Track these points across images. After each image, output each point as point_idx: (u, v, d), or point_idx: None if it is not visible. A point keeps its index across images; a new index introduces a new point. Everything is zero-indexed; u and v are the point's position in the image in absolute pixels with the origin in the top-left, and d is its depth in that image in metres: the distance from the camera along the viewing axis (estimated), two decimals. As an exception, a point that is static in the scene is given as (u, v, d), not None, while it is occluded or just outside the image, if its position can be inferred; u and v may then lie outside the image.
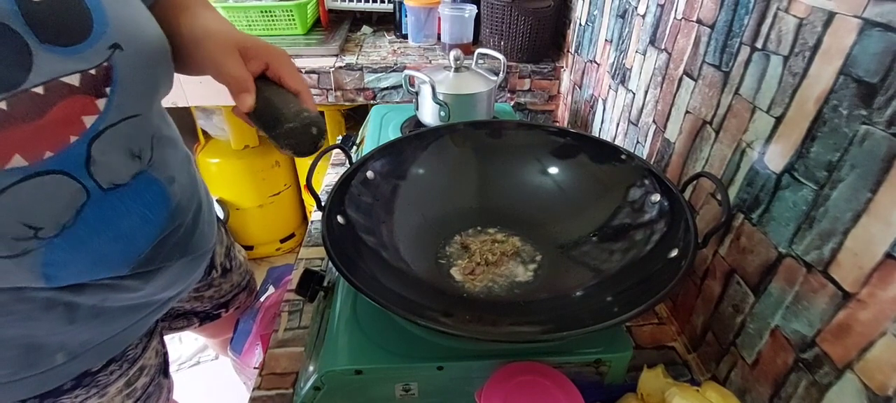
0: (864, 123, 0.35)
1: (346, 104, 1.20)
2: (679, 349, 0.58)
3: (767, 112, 0.45)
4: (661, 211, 0.49)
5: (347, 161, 0.55)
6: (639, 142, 0.73)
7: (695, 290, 0.57)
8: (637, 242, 0.50)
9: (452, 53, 0.77)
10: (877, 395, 0.35)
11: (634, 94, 0.74)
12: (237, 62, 0.44)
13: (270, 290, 0.87)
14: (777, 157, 0.44)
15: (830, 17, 0.38)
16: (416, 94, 0.78)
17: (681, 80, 0.60)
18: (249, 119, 0.46)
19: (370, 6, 1.36)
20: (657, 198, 0.50)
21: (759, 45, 0.46)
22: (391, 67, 1.12)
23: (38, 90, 0.34)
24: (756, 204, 0.47)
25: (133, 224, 0.45)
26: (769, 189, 0.45)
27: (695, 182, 0.57)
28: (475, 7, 1.15)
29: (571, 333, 0.37)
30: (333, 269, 0.53)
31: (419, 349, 0.44)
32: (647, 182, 0.52)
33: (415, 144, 0.61)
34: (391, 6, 1.34)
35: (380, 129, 0.83)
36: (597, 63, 0.92)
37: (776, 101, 0.44)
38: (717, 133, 0.53)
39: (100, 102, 0.39)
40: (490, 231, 0.59)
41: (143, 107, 0.44)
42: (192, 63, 0.48)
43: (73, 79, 0.36)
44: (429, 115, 0.77)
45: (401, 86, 1.13)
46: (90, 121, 0.38)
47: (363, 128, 0.91)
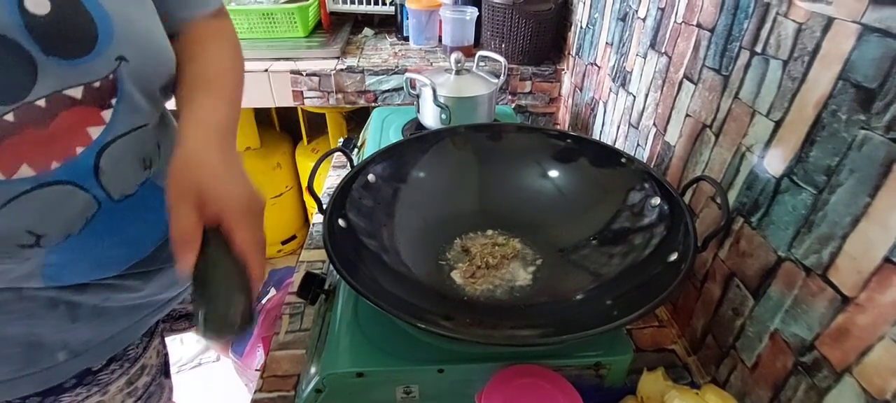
0: (863, 128, 0.35)
1: (348, 106, 1.21)
2: (679, 352, 0.59)
3: (767, 116, 0.45)
4: (661, 215, 0.50)
5: (349, 164, 0.55)
6: (639, 145, 0.73)
7: (695, 293, 0.57)
8: (637, 246, 0.50)
9: (453, 56, 0.77)
10: (875, 399, 0.35)
11: (635, 97, 0.75)
12: (188, 212, 0.37)
13: (272, 293, 0.88)
14: (776, 161, 0.44)
15: (829, 23, 0.38)
16: (418, 97, 0.79)
17: (681, 84, 0.60)
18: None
19: (371, 9, 1.36)
20: (657, 201, 0.51)
21: (759, 50, 0.46)
22: (392, 70, 1.12)
23: (41, 103, 0.34)
24: (755, 208, 0.47)
25: (140, 230, 0.45)
26: (768, 193, 0.45)
27: (695, 185, 0.57)
28: (476, 10, 1.15)
29: (571, 337, 0.37)
30: (335, 272, 0.53)
31: (420, 352, 0.44)
32: (647, 185, 0.53)
33: (415, 147, 0.61)
34: (392, 9, 1.35)
35: (381, 132, 0.83)
36: (597, 66, 0.92)
37: (775, 106, 0.44)
38: (717, 136, 0.53)
39: (105, 114, 0.39)
40: (490, 233, 0.59)
41: (150, 116, 0.44)
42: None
43: (76, 91, 0.36)
44: (430, 118, 0.78)
45: (402, 88, 1.13)
46: (96, 132, 0.39)
47: (364, 130, 0.91)
